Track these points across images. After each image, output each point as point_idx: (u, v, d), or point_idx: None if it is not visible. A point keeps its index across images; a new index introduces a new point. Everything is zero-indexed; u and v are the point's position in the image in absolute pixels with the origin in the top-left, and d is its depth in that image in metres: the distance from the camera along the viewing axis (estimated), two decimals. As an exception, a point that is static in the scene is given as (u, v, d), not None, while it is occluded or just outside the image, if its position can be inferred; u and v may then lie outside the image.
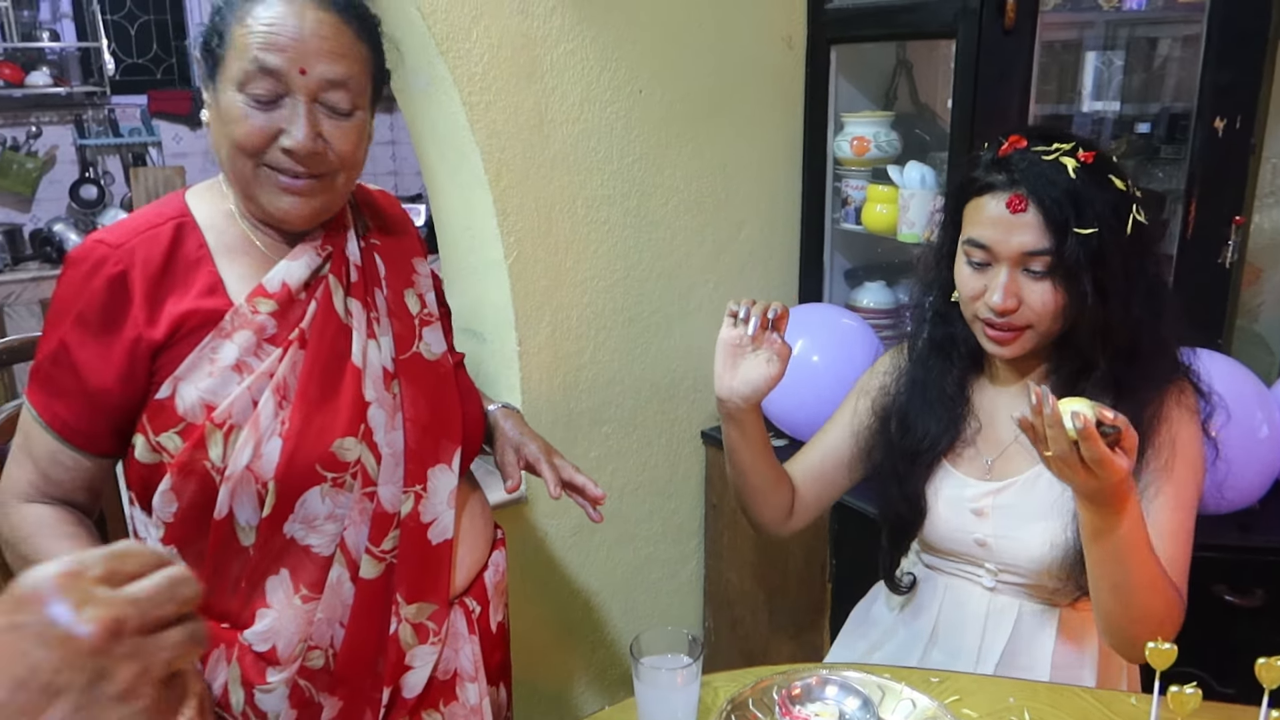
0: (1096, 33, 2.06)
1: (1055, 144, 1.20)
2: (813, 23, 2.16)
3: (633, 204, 1.99)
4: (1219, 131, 1.75)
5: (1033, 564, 1.28)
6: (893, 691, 1.16)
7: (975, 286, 1.24)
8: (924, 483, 1.36)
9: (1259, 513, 1.75)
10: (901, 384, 1.39)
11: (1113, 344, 1.22)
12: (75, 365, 1.08)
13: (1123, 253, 1.19)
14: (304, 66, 1.05)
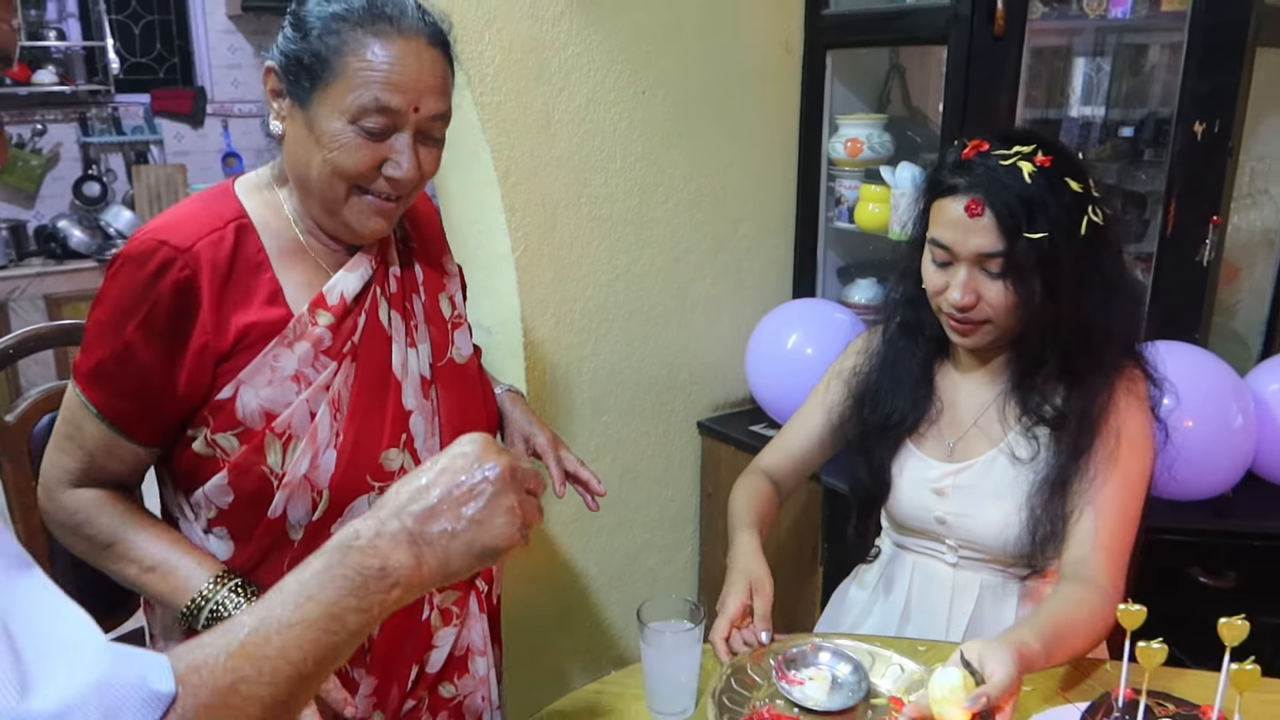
0: (1085, 40, 2.13)
1: (1016, 147, 1.25)
2: (810, 28, 2.23)
3: (634, 202, 2.06)
4: (1198, 135, 1.82)
5: (990, 541, 1.35)
6: (882, 658, 1.23)
7: (938, 283, 1.31)
8: (889, 459, 1.43)
9: (1232, 499, 1.83)
10: (873, 363, 1.46)
11: (1061, 340, 1.29)
12: (140, 367, 1.09)
13: (1075, 253, 1.24)
14: (418, 105, 1.09)
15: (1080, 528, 1.28)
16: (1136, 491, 1.30)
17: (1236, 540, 1.79)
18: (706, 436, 2.32)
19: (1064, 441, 1.30)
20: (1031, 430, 1.33)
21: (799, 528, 2.13)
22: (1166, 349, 1.82)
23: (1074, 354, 1.30)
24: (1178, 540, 1.78)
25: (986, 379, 1.40)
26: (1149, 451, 1.33)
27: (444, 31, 1.15)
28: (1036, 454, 1.32)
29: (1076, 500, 1.29)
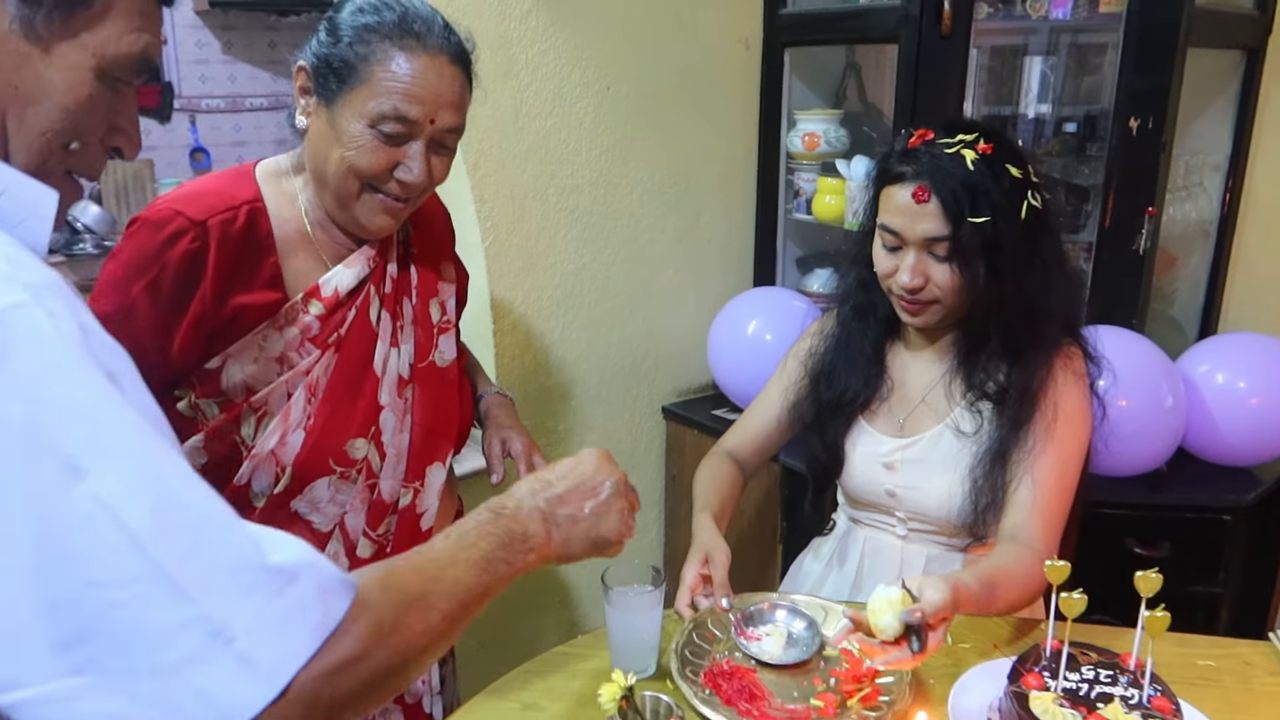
0: (1032, 40, 2.23)
1: (959, 135, 1.31)
2: (768, 27, 2.32)
3: (600, 193, 2.14)
4: (1133, 131, 1.93)
5: (937, 512, 1.42)
6: (834, 612, 1.31)
7: (888, 266, 1.37)
8: (843, 436, 1.50)
9: (1165, 474, 1.94)
10: (828, 344, 1.53)
11: (1005, 318, 1.36)
12: (139, 325, 1.13)
13: (1016, 236, 1.30)
14: (434, 117, 1.15)
15: (1018, 496, 1.36)
16: (1073, 462, 1.38)
17: (1169, 513, 1.90)
18: (671, 421, 2.40)
19: (1005, 415, 1.37)
20: (975, 405, 1.41)
21: (760, 507, 2.21)
22: (1104, 333, 1.93)
23: (1016, 331, 1.37)
24: (1115, 514, 1.89)
25: (934, 357, 1.47)
26: (1086, 425, 1.40)
27: (467, 51, 1.21)
28: (980, 427, 1.40)
29: (1016, 470, 1.36)
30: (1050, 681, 1.09)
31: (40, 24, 0.68)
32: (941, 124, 1.35)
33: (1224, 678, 1.24)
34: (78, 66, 0.71)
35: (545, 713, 1.18)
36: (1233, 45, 2.15)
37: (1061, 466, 1.36)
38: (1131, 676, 1.09)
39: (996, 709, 1.13)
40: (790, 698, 1.17)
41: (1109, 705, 1.04)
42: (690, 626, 1.26)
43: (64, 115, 0.71)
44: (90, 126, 0.73)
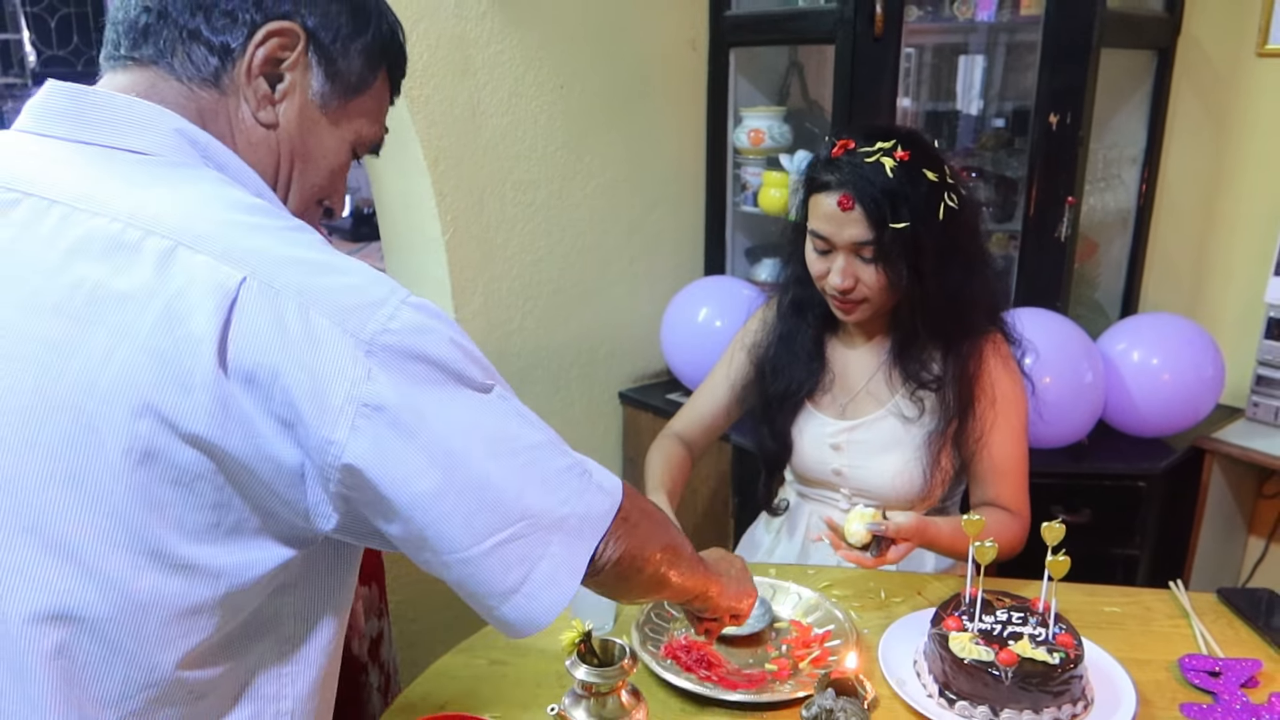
0: (961, 40, 2.36)
1: (878, 143, 1.39)
2: (714, 28, 2.42)
3: (556, 187, 2.23)
4: (1053, 126, 2.05)
5: (881, 488, 1.54)
6: (782, 589, 1.42)
7: (820, 269, 1.46)
8: (790, 423, 1.60)
9: (1087, 446, 2.08)
10: (771, 338, 1.62)
11: (930, 312, 1.45)
12: None
13: (935, 236, 1.39)
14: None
15: (982, 471, 1.50)
16: (1022, 434, 1.51)
17: (1090, 481, 2.04)
18: (627, 405, 2.50)
19: (946, 400, 1.49)
20: (915, 394, 1.51)
21: (713, 484, 2.32)
22: (1029, 314, 2.07)
23: (942, 323, 1.47)
24: (1041, 483, 2.00)
25: (871, 348, 1.57)
26: (1023, 401, 1.53)
27: None
28: (922, 413, 1.51)
29: (970, 449, 1.49)
30: (968, 624, 1.21)
31: (332, 100, 0.84)
32: (862, 132, 1.43)
33: (1127, 622, 1.37)
34: (344, 140, 0.86)
35: (511, 667, 1.27)
36: (1145, 45, 2.29)
37: (1014, 440, 1.50)
38: (1039, 618, 1.22)
39: (922, 651, 1.25)
40: (746, 664, 1.27)
41: (1019, 642, 1.16)
42: (649, 606, 1.35)
43: (329, 176, 0.87)
44: (336, 188, 0.89)
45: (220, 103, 0.80)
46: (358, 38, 0.84)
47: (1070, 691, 1.13)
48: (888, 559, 1.32)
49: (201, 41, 0.79)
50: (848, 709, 0.97)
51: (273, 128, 0.82)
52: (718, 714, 1.17)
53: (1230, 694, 1.19)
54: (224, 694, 0.77)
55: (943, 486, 1.53)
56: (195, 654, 0.72)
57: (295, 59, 0.81)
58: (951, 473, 1.53)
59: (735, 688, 1.19)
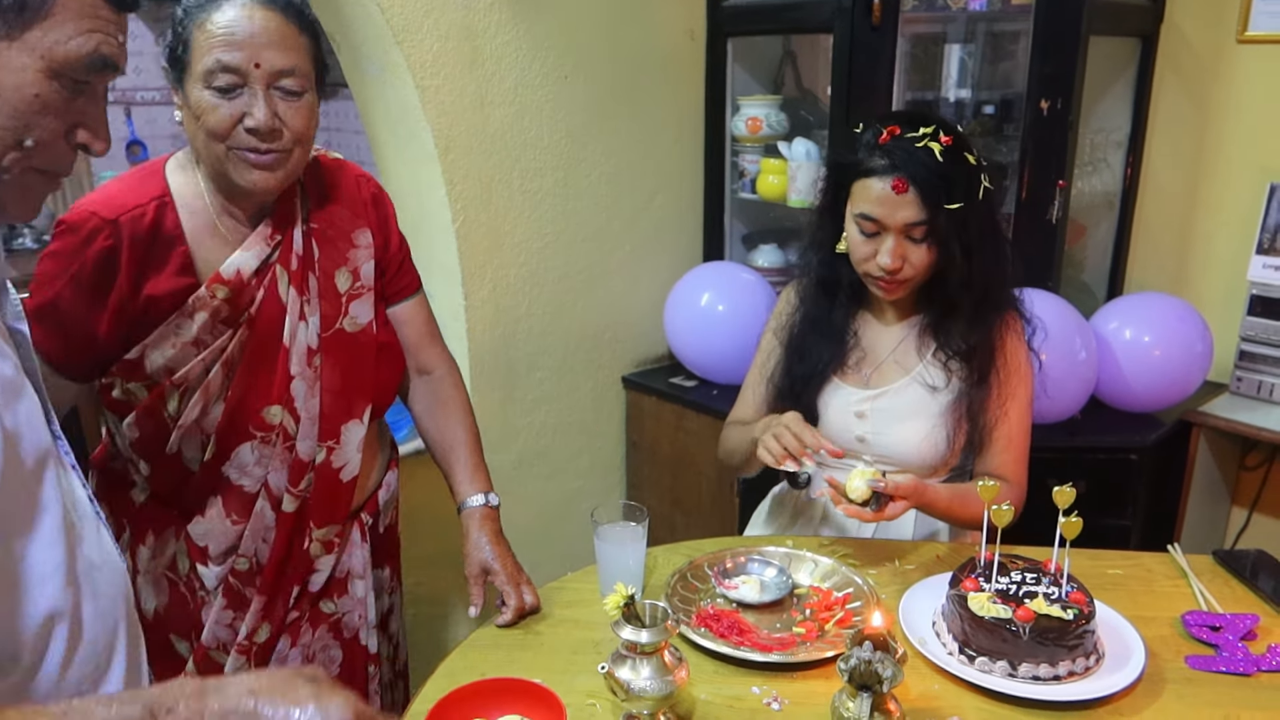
0: (953, 29, 2.41)
1: (921, 129, 1.45)
2: (711, 18, 2.47)
3: (561, 176, 2.27)
4: (1044, 111, 2.12)
5: (903, 454, 1.59)
6: (798, 558, 1.48)
7: (866, 252, 1.50)
8: (815, 398, 1.65)
9: (1080, 420, 2.15)
10: (797, 319, 1.67)
11: (973, 288, 1.53)
12: (66, 314, 1.26)
13: (978, 216, 1.47)
14: (258, 61, 1.21)
15: (993, 439, 1.57)
16: (1029, 409, 1.59)
17: (1084, 454, 2.11)
18: (630, 390, 2.54)
19: (973, 369, 1.56)
20: (946, 363, 1.58)
21: (716, 466, 2.37)
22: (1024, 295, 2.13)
23: (981, 298, 1.54)
24: (1037, 456, 2.07)
25: (897, 319, 1.63)
26: (1032, 377, 1.60)
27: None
28: (949, 381, 1.57)
29: (990, 416, 1.56)
30: (985, 585, 1.27)
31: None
32: (901, 118, 1.49)
33: (1130, 583, 1.44)
34: (25, 68, 0.73)
35: (545, 637, 1.32)
36: (1129, 33, 2.36)
37: (1022, 414, 1.58)
38: (1052, 578, 1.28)
39: (940, 611, 1.31)
40: (774, 629, 1.32)
41: (1034, 600, 1.23)
42: (674, 579, 1.40)
43: (13, 114, 0.74)
44: (44, 125, 0.75)
45: None
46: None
47: (1084, 645, 1.20)
48: (885, 514, 1.39)
49: None
50: (885, 661, 1.02)
51: None
52: (752, 675, 1.23)
53: (1231, 646, 1.26)
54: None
55: (958, 457, 1.60)
56: None
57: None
58: (965, 445, 1.59)
59: (769, 650, 1.25)
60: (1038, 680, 1.18)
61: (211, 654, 1.42)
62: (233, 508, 1.38)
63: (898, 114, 1.57)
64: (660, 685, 1.09)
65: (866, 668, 1.02)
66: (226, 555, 1.40)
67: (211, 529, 1.38)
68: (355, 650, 1.51)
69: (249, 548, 1.39)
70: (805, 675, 1.22)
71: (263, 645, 1.42)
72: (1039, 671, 1.18)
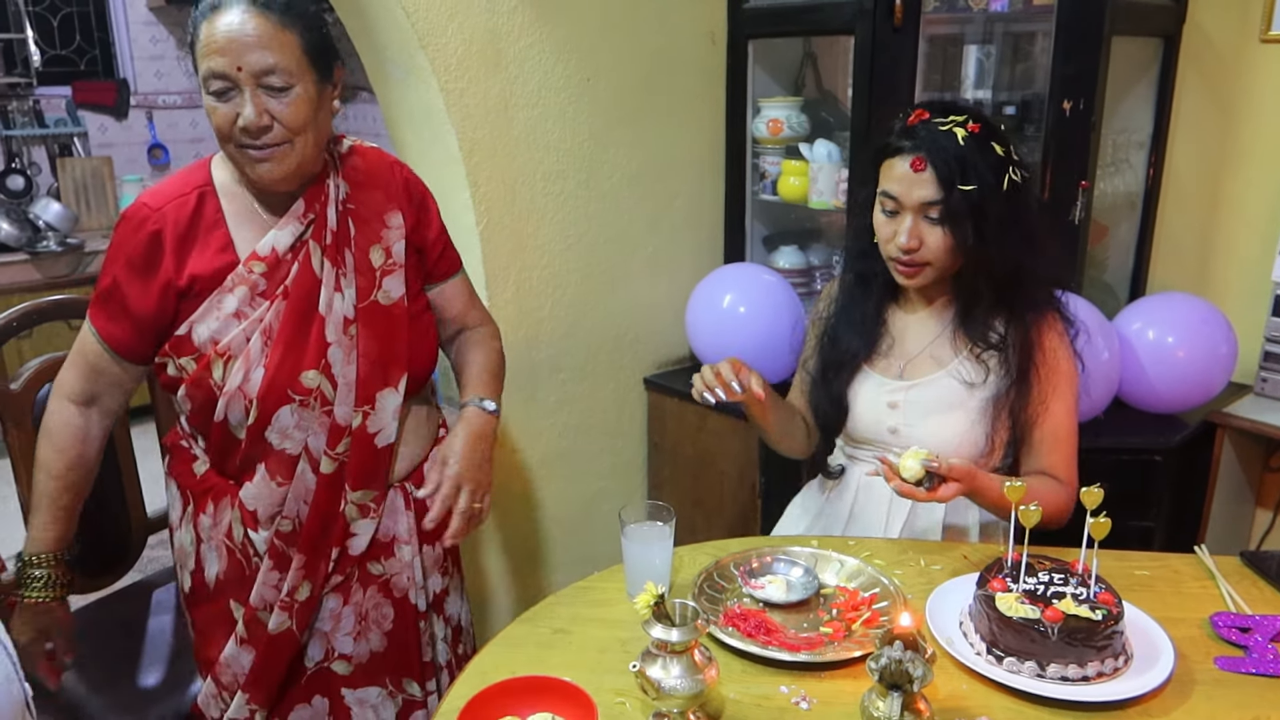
0: (973, 30, 2.41)
1: (951, 116, 1.49)
2: (732, 20, 2.47)
3: (583, 178, 2.28)
4: (1067, 112, 2.11)
5: (938, 449, 1.55)
6: (824, 557, 1.48)
7: (887, 231, 1.54)
8: (846, 386, 1.67)
9: (1104, 422, 2.15)
10: (833, 309, 1.70)
11: (993, 277, 1.53)
12: (124, 295, 1.42)
13: (999, 205, 1.47)
14: (240, 64, 1.30)
15: (1038, 440, 1.57)
16: (1074, 409, 1.59)
17: (1107, 455, 2.10)
18: (652, 391, 2.55)
19: (1009, 365, 1.56)
20: (980, 356, 1.58)
21: (740, 464, 2.38)
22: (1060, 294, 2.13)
23: (1006, 290, 1.55)
24: (1059, 458, 2.08)
25: (931, 316, 1.64)
26: (1076, 377, 1.60)
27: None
28: (986, 377, 1.57)
29: (1030, 414, 1.56)
30: (1012, 585, 1.27)
31: None
32: (935, 105, 1.53)
33: (1157, 584, 1.44)
34: None
35: (573, 635, 1.33)
36: (1151, 33, 2.36)
37: (1068, 413, 1.58)
38: (1080, 578, 1.28)
39: (967, 611, 1.31)
40: (801, 629, 1.33)
41: (1062, 600, 1.23)
42: (700, 579, 1.41)
43: None
44: None
45: None
46: None
47: (1112, 646, 1.20)
48: (939, 495, 1.39)
49: None
50: (915, 660, 1.03)
51: None
52: (780, 674, 1.23)
53: (1261, 648, 1.26)
54: None
55: (997, 456, 1.60)
56: None
57: None
58: (1005, 443, 1.59)
59: (797, 649, 1.25)
60: (1066, 681, 1.18)
61: (259, 614, 1.50)
62: (276, 470, 1.46)
63: (932, 102, 1.60)
64: (690, 684, 1.10)
65: (897, 667, 1.03)
66: (273, 520, 1.48)
67: (259, 492, 1.47)
68: (406, 608, 1.59)
69: (291, 509, 1.48)
70: (833, 675, 1.23)
71: (304, 603, 1.50)
72: (1068, 672, 1.18)
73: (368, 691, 1.58)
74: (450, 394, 2.24)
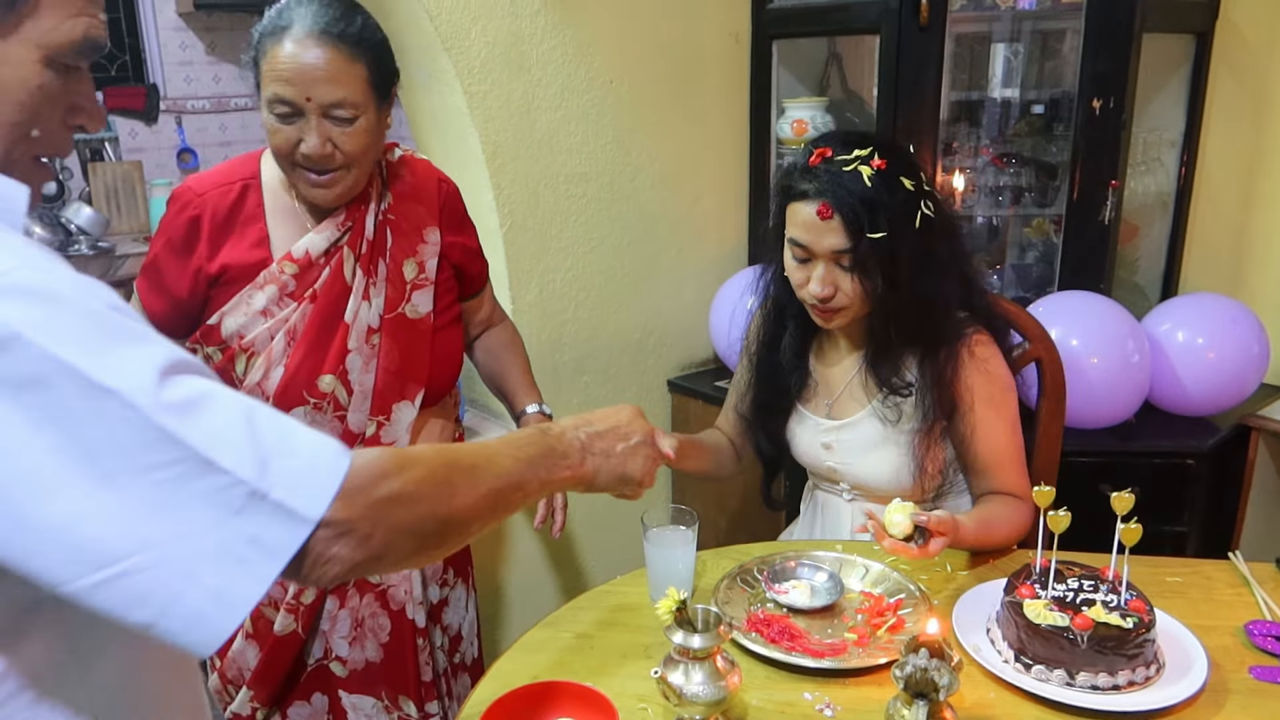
0: (1001, 28, 2.38)
1: (855, 151, 1.40)
2: (756, 21, 2.46)
3: (606, 180, 2.28)
4: (1096, 110, 2.09)
5: (877, 483, 1.57)
6: (849, 562, 1.46)
7: (800, 277, 1.47)
8: (783, 427, 1.64)
9: (1134, 424, 2.12)
10: (759, 345, 1.64)
11: (903, 321, 1.46)
12: (162, 272, 1.46)
13: (910, 244, 1.40)
14: (309, 95, 1.32)
15: (976, 466, 1.52)
16: (1012, 425, 1.52)
17: (1138, 459, 2.07)
18: (676, 393, 2.54)
19: (924, 404, 1.51)
20: (889, 399, 1.53)
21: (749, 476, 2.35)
22: (1073, 298, 2.11)
23: (915, 330, 1.47)
24: (1089, 462, 2.06)
25: (850, 350, 1.59)
26: (1008, 393, 1.52)
27: (342, 27, 1.33)
28: (900, 417, 1.53)
29: (963, 440, 1.51)
30: (1041, 591, 1.25)
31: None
32: (840, 140, 1.44)
33: (1190, 591, 1.41)
34: (25, 61, 0.74)
35: (596, 640, 1.32)
36: (1184, 30, 2.32)
37: (1003, 431, 1.52)
38: (1110, 585, 1.26)
39: (994, 618, 1.30)
40: (825, 635, 1.31)
41: (1092, 608, 1.21)
42: (724, 583, 1.40)
43: (20, 108, 0.75)
44: (48, 113, 0.77)
45: None
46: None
47: (1144, 655, 1.18)
48: (930, 552, 1.32)
49: None
50: (941, 668, 1.01)
51: None
52: (803, 681, 1.22)
53: (1298, 657, 1.23)
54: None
55: (935, 480, 1.56)
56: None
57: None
58: (943, 466, 1.56)
59: (821, 656, 1.24)
60: (1096, 690, 1.16)
61: (265, 610, 1.52)
62: None
63: (834, 135, 1.52)
64: (713, 690, 1.09)
65: (923, 675, 1.01)
66: None
67: None
68: (403, 622, 1.58)
69: None
70: (857, 681, 1.21)
71: (309, 606, 1.52)
72: (1098, 681, 1.16)
73: (363, 700, 1.58)
74: (473, 395, 2.25)
